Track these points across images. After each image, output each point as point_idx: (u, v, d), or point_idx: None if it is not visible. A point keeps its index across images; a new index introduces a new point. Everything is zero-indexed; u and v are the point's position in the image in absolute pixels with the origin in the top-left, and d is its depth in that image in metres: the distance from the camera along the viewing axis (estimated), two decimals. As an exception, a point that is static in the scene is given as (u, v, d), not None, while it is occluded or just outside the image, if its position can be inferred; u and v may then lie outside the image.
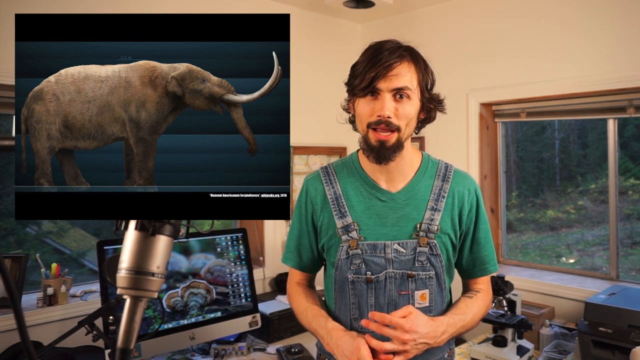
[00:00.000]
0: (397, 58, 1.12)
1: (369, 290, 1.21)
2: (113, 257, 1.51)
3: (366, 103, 1.15)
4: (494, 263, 1.31)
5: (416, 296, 1.20)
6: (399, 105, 1.13)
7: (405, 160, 1.23)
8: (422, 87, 1.17)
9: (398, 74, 1.11)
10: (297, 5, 2.81)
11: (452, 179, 1.26)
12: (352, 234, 1.22)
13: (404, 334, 1.07)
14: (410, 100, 1.14)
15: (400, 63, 1.12)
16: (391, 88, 1.11)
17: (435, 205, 1.22)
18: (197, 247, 2.03)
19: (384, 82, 1.11)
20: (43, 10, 1.96)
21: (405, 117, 1.13)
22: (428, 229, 1.20)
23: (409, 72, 1.13)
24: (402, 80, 1.12)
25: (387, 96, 1.12)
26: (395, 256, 1.20)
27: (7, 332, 1.84)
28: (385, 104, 1.11)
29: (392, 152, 1.15)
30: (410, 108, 1.14)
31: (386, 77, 1.11)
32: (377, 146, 1.14)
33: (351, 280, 1.22)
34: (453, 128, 2.71)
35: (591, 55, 2.21)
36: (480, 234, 1.28)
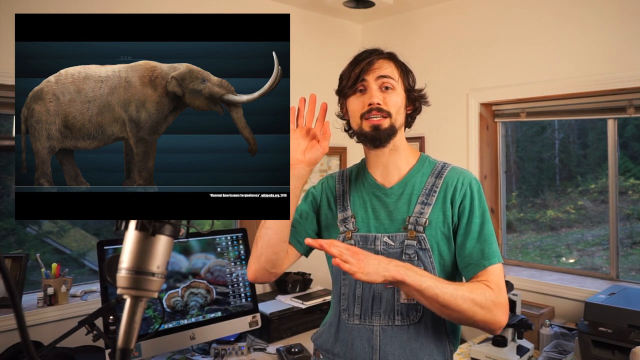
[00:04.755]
0: (376, 56, 1.24)
1: (357, 281, 1.23)
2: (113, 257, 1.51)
3: (356, 99, 1.24)
4: (489, 257, 1.18)
5: (402, 291, 1.18)
6: (386, 95, 1.22)
7: (401, 155, 1.28)
8: (404, 80, 1.26)
9: (380, 66, 1.23)
10: (297, 5, 2.81)
11: (446, 175, 1.25)
12: (348, 225, 1.28)
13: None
14: (395, 91, 1.23)
15: (379, 59, 1.24)
16: (376, 77, 1.22)
17: (425, 200, 1.23)
18: (197, 247, 2.03)
19: (368, 74, 1.22)
20: (43, 10, 1.96)
21: (393, 105, 1.22)
22: (417, 221, 1.21)
23: (390, 66, 1.24)
24: (384, 70, 1.23)
25: (374, 87, 1.22)
26: (384, 248, 1.22)
27: (7, 332, 1.84)
28: (373, 93, 1.21)
29: (387, 136, 1.22)
30: (397, 98, 1.23)
31: (370, 70, 1.22)
32: (371, 131, 1.22)
33: (343, 271, 1.23)
34: (453, 128, 2.71)
35: (591, 55, 2.21)
36: (473, 227, 1.20)
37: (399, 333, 1.19)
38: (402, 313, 1.19)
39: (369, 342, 1.21)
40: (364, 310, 1.22)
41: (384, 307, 1.20)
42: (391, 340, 1.19)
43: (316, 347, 1.35)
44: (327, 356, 1.29)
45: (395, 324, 1.20)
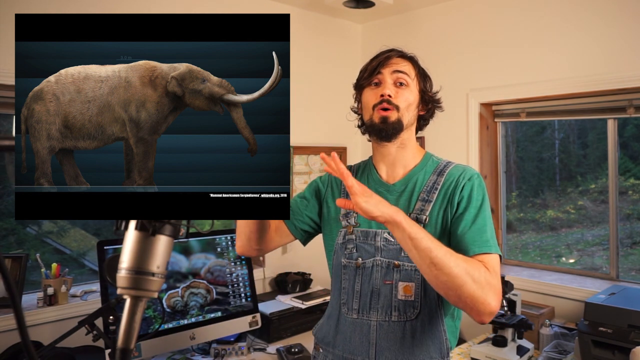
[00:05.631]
0: (396, 52, 1.28)
1: (357, 276, 1.26)
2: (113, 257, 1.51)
3: (370, 90, 1.27)
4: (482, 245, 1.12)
5: (399, 287, 1.20)
6: (399, 90, 1.25)
7: (407, 152, 1.30)
8: (419, 82, 1.29)
9: (397, 62, 1.26)
10: (297, 5, 2.81)
11: (448, 172, 1.25)
12: (350, 220, 1.29)
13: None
14: (409, 88, 1.26)
15: (399, 57, 1.28)
16: (392, 71, 1.25)
17: (426, 197, 1.23)
18: (197, 247, 2.03)
19: (385, 67, 1.26)
20: (43, 10, 1.96)
21: (404, 100, 1.25)
22: (417, 219, 1.20)
23: (407, 64, 1.28)
24: (401, 66, 1.26)
25: (388, 80, 1.25)
26: (384, 244, 1.23)
27: (7, 332, 1.84)
28: (386, 85, 1.24)
29: (392, 129, 1.24)
30: (409, 94, 1.26)
31: (386, 64, 1.26)
32: (379, 123, 1.24)
33: (344, 265, 1.28)
34: (453, 128, 2.71)
35: (591, 55, 2.21)
36: (467, 216, 1.16)
37: (395, 329, 1.20)
38: (399, 309, 1.20)
39: (366, 337, 1.22)
40: (362, 304, 1.24)
41: (382, 303, 1.21)
42: (387, 335, 1.20)
43: (317, 340, 1.36)
44: (326, 349, 1.31)
45: (392, 319, 1.20)
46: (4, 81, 1.86)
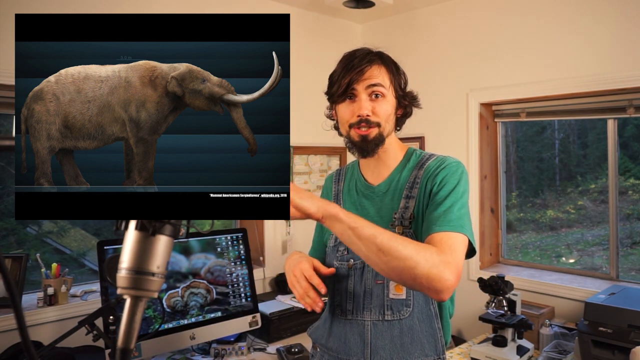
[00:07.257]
0: (367, 62, 1.21)
1: (349, 277, 1.26)
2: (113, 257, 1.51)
3: (345, 106, 1.23)
4: (443, 224, 1.08)
5: (391, 286, 1.21)
6: (376, 104, 1.21)
7: (390, 155, 1.29)
8: (395, 85, 1.24)
9: (370, 76, 1.21)
10: (297, 5, 2.81)
11: (427, 164, 1.23)
12: None
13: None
14: (385, 98, 1.22)
15: (371, 66, 1.21)
16: (366, 86, 1.20)
17: (409, 193, 1.23)
18: (197, 247, 2.03)
19: (358, 84, 1.20)
20: (43, 10, 1.96)
21: (382, 114, 1.21)
22: (402, 216, 1.21)
23: (380, 73, 1.22)
24: (374, 79, 1.21)
25: (363, 97, 1.20)
26: None
27: (7, 332, 1.84)
28: (362, 104, 1.20)
29: (374, 146, 1.22)
30: (387, 106, 1.22)
31: (359, 80, 1.20)
32: (359, 141, 1.22)
33: (336, 267, 1.28)
34: (453, 128, 2.71)
35: (591, 55, 2.21)
36: (437, 199, 1.14)
37: (389, 328, 1.21)
38: (392, 308, 1.21)
39: (360, 337, 1.23)
40: (355, 305, 1.25)
41: (375, 302, 1.22)
42: (382, 334, 1.21)
43: (312, 340, 1.38)
44: (322, 349, 1.33)
45: (386, 318, 1.21)
46: (4, 81, 1.86)
